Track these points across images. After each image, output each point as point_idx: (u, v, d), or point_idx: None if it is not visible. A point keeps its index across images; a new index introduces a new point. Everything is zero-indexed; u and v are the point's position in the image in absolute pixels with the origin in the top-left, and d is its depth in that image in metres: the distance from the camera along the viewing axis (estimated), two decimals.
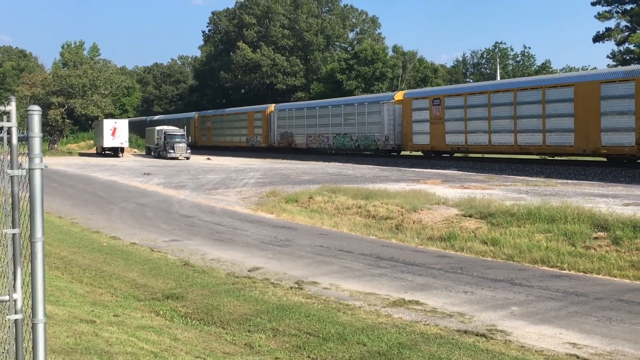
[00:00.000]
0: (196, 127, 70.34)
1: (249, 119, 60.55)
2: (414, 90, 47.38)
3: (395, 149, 42.68)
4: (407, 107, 40.35)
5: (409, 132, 39.99)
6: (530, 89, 32.04)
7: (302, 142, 52.03)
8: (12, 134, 3.81)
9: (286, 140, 54.08)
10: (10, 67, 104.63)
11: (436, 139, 37.79)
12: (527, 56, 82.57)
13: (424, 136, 38.85)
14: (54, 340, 6.55)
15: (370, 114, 43.71)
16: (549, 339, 7.95)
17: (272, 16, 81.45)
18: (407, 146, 40.77)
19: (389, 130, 41.57)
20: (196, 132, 69.89)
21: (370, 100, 45.32)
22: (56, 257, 13.30)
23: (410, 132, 39.86)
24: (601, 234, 13.37)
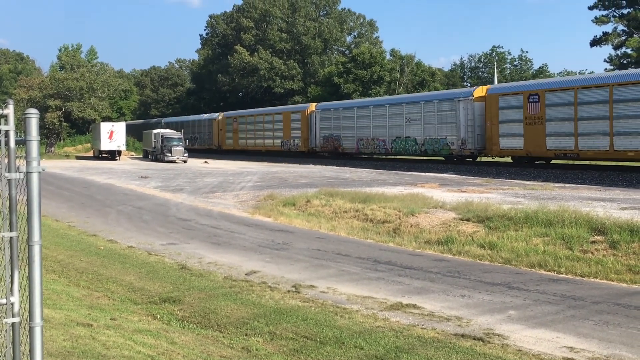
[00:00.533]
0: (220, 129, 64.44)
1: (285, 119, 53.61)
2: (501, 85, 39.72)
3: (475, 154, 36.51)
4: (492, 104, 33.81)
5: (494, 135, 33.50)
6: None
7: (351, 146, 45.44)
8: (9, 137, 3.81)
9: (331, 144, 47.68)
10: (7, 70, 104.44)
11: (533, 143, 31.13)
12: (524, 60, 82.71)
13: (515, 139, 32.34)
14: (51, 343, 6.53)
15: (441, 113, 37.14)
16: (546, 342, 7.96)
17: (269, 19, 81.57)
18: (492, 151, 34.29)
19: (467, 132, 35.23)
20: (220, 135, 64.26)
21: (441, 98, 38.36)
22: (53, 261, 13.28)
23: (497, 134, 33.35)
24: (598, 238, 13.38)
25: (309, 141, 50.36)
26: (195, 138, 68.88)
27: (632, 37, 59.72)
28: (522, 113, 31.77)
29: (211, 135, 65.83)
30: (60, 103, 65.75)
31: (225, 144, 63.53)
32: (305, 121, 50.77)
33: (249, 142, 59.65)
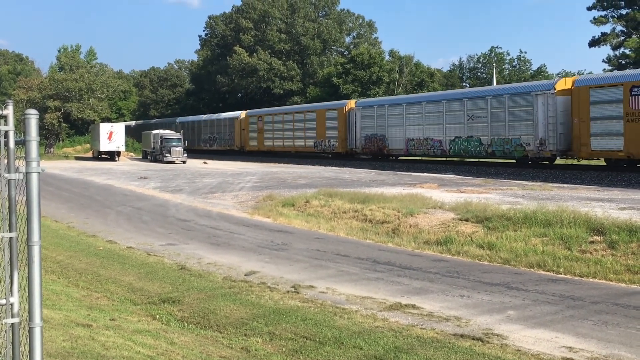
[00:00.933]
0: (243, 128, 59.36)
1: (319, 118, 48.41)
2: (593, 76, 32.95)
3: (556, 155, 31.61)
4: (581, 98, 28.93)
5: (584, 134, 28.73)
6: None
7: (399, 147, 40.51)
8: (9, 138, 3.82)
9: (374, 144, 42.61)
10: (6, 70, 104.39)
11: (637, 144, 26.68)
12: (523, 61, 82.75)
13: (612, 140, 27.66)
14: (51, 344, 6.54)
15: (514, 109, 32.33)
16: (545, 342, 7.97)
17: (268, 20, 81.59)
18: (580, 152, 29.47)
19: (546, 131, 30.54)
20: (243, 134, 59.46)
21: (514, 92, 33.27)
22: (52, 261, 13.28)
23: (587, 133, 28.59)
24: (597, 238, 13.40)
25: (347, 142, 45.48)
26: (214, 138, 65.59)
27: (631, 37, 59.78)
28: (622, 108, 27.23)
29: (232, 135, 61.42)
30: (59, 104, 65.72)
31: (248, 144, 58.58)
32: (344, 119, 45.68)
33: (277, 143, 54.46)
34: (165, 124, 73.13)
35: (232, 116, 62.83)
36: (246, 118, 59.43)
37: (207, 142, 67.21)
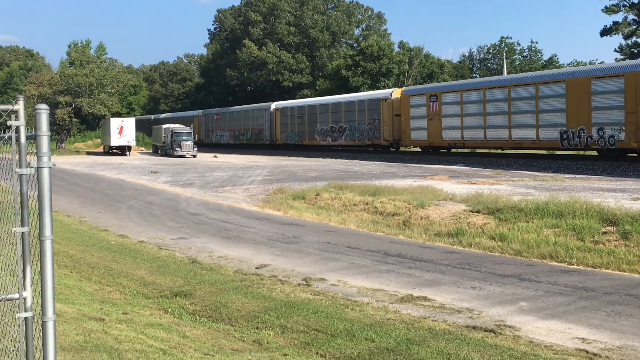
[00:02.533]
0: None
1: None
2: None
3: None
4: None
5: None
6: None
7: None
8: (20, 133, 3.83)
9: None
10: (17, 66, 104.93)
11: None
12: (534, 51, 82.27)
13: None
14: (64, 338, 6.58)
15: None
16: (558, 334, 7.93)
17: (277, 13, 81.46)
18: None
19: None
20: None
21: None
22: (65, 256, 13.36)
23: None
24: (610, 229, 13.32)
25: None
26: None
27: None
28: None
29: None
30: (70, 99, 65.96)
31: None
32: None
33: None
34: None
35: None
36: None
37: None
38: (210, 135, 67.92)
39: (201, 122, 69.42)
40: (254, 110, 60.19)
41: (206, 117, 69.24)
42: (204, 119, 69.40)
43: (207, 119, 68.80)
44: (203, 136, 68.41)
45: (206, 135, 68.38)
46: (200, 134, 67.73)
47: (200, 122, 69.41)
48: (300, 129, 52.22)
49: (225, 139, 65.09)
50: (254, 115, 59.35)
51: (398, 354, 7.17)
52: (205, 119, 69.04)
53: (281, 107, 55.68)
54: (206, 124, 68.88)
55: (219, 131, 66.26)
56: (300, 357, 7.35)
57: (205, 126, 68.94)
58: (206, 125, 68.76)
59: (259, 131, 58.14)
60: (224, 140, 65.26)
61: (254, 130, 59.33)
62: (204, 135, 68.44)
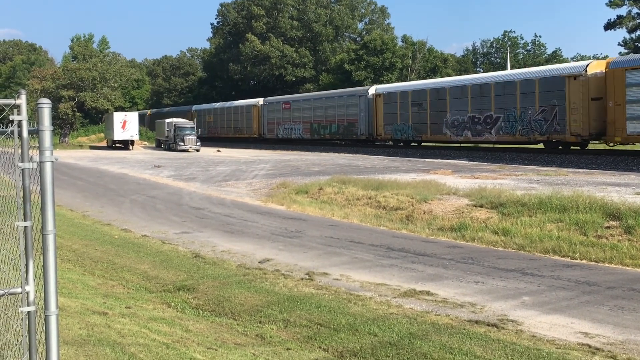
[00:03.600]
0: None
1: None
2: None
3: None
4: None
5: None
6: None
7: None
8: (22, 127, 3.82)
9: None
10: (20, 60, 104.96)
11: None
12: (537, 45, 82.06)
13: None
14: (67, 332, 6.59)
15: None
16: (561, 328, 7.93)
17: (280, 7, 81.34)
18: None
19: None
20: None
21: None
22: (68, 250, 13.38)
23: None
24: (613, 223, 13.30)
25: None
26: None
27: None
28: None
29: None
30: (73, 93, 65.99)
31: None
32: None
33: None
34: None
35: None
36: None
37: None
38: (275, 129, 56.31)
39: (262, 112, 58.60)
40: (342, 97, 47.98)
41: (269, 106, 57.60)
42: (265, 108, 58.04)
43: (271, 109, 57.21)
44: (264, 130, 57.93)
45: (269, 129, 57.11)
46: (260, 127, 58.89)
47: (261, 112, 58.72)
48: (417, 120, 39.75)
49: (297, 132, 53.42)
50: (343, 103, 47.32)
51: (401, 348, 7.18)
52: (268, 109, 57.63)
53: (386, 92, 42.97)
54: (269, 114, 57.34)
55: (288, 123, 54.43)
56: (303, 351, 7.36)
57: (267, 117, 57.54)
58: (269, 116, 57.25)
59: (350, 123, 46.30)
60: (295, 134, 53.66)
61: (341, 122, 47.35)
62: (265, 129, 57.78)
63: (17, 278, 4.18)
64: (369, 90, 45.07)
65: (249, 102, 62.02)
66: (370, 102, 44.23)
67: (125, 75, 74.91)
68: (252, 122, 60.12)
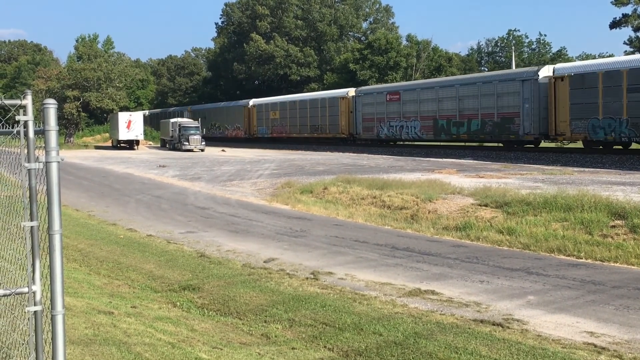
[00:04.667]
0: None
1: None
2: None
3: None
4: None
5: None
6: None
7: None
8: (28, 128, 3.84)
9: None
10: (25, 61, 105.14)
11: None
12: (542, 43, 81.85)
13: None
14: (73, 331, 6.61)
15: None
16: (566, 328, 7.92)
17: (285, 7, 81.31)
18: None
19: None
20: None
21: None
22: (74, 250, 13.41)
23: None
24: (618, 222, 13.27)
25: None
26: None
27: None
28: None
29: None
30: (78, 93, 66.14)
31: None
32: None
33: None
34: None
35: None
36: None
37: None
38: (375, 127, 43.93)
39: (354, 105, 46.19)
40: (490, 83, 36.00)
41: (366, 97, 45.28)
42: (359, 100, 45.76)
43: (368, 101, 44.84)
44: (357, 129, 45.92)
45: (365, 127, 45.05)
46: (350, 124, 46.90)
47: (353, 105, 46.36)
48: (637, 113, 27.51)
49: (411, 131, 41.01)
50: (491, 91, 35.54)
51: (406, 348, 7.18)
52: (364, 101, 45.32)
53: (576, 73, 30.79)
54: (365, 108, 44.90)
55: (397, 119, 41.92)
56: (308, 350, 7.36)
57: (362, 112, 45.27)
58: (365, 110, 44.89)
59: (506, 119, 34.50)
60: (409, 134, 41.30)
61: (488, 116, 35.55)
62: (359, 127, 45.70)
63: (23, 278, 4.19)
64: (540, 72, 32.92)
65: (335, 94, 50.13)
66: (541, 89, 32.31)
67: (130, 75, 75.05)
68: (339, 118, 47.66)
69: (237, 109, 64.83)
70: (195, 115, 66.73)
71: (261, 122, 59.02)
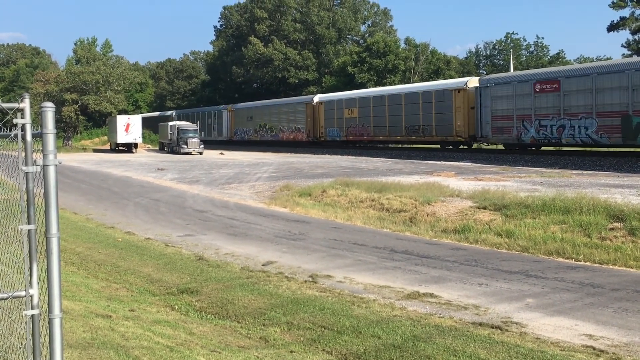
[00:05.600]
0: None
1: None
2: None
3: None
4: None
5: None
6: None
7: None
8: (26, 131, 3.83)
9: None
10: (24, 64, 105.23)
11: None
12: (540, 46, 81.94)
13: None
14: (71, 335, 6.60)
15: None
16: (565, 330, 7.91)
17: (283, 10, 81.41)
18: None
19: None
20: None
21: None
22: (72, 253, 13.39)
23: None
24: (617, 225, 13.27)
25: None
26: None
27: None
28: None
29: None
30: (76, 97, 66.17)
31: None
32: None
33: None
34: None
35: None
36: None
37: None
38: (513, 128, 33.36)
39: (478, 98, 35.27)
40: None
41: (497, 88, 34.30)
42: (486, 92, 34.87)
43: (503, 91, 33.96)
44: (485, 131, 35.05)
45: (497, 128, 34.35)
46: (470, 123, 36.30)
47: (476, 98, 35.64)
48: None
49: (580, 133, 30.06)
50: None
51: (404, 351, 7.17)
52: (494, 92, 34.39)
53: None
54: (495, 102, 34.22)
55: (552, 117, 31.34)
56: (307, 353, 7.35)
57: (492, 106, 34.32)
58: (495, 105, 34.21)
59: None
60: (574, 137, 30.36)
61: None
62: (487, 128, 34.83)
63: (21, 281, 4.18)
64: None
65: (445, 85, 39.78)
66: None
67: (129, 79, 75.04)
68: (453, 116, 37.28)
69: (297, 107, 54.42)
70: (239, 116, 62.43)
71: (331, 123, 48.60)
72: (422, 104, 39.66)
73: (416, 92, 40.61)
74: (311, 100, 52.66)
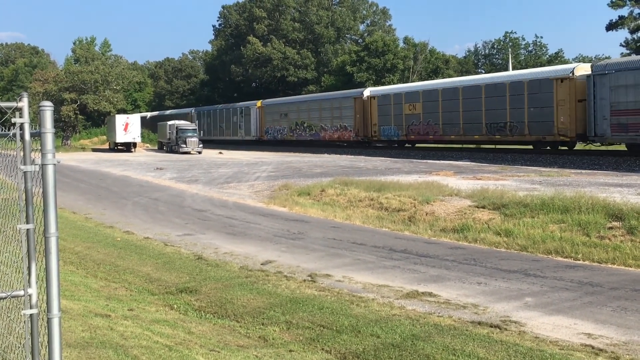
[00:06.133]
0: None
1: None
2: None
3: None
4: None
5: None
6: None
7: None
8: (24, 130, 3.83)
9: None
10: (22, 63, 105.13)
11: None
12: (539, 46, 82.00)
13: None
14: (70, 334, 6.59)
15: None
16: (564, 329, 7.92)
17: (282, 9, 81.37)
18: None
19: None
20: None
21: None
22: (71, 252, 13.38)
23: None
24: (616, 224, 13.28)
25: None
26: None
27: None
28: None
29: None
30: (75, 96, 66.11)
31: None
32: None
33: None
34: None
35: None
36: None
37: None
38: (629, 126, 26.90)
39: (591, 89, 28.17)
40: None
41: (615, 76, 27.31)
42: (600, 81, 27.93)
43: (625, 79, 26.99)
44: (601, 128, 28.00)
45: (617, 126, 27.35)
46: (578, 119, 29.95)
47: (588, 89, 28.55)
48: None
49: None
50: None
51: (403, 350, 7.17)
52: (612, 81, 27.41)
53: None
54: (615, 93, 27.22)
55: None
56: (306, 353, 7.35)
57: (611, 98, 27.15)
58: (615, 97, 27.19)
59: None
60: None
61: None
62: (604, 125, 27.86)
63: (19, 281, 4.18)
64: None
65: (540, 73, 34.03)
66: None
67: (127, 78, 74.99)
68: (555, 111, 31.07)
69: (342, 102, 47.91)
70: (270, 113, 56.09)
71: (386, 120, 42.93)
72: (509, 96, 33.55)
73: (502, 83, 34.35)
74: (361, 94, 45.93)
